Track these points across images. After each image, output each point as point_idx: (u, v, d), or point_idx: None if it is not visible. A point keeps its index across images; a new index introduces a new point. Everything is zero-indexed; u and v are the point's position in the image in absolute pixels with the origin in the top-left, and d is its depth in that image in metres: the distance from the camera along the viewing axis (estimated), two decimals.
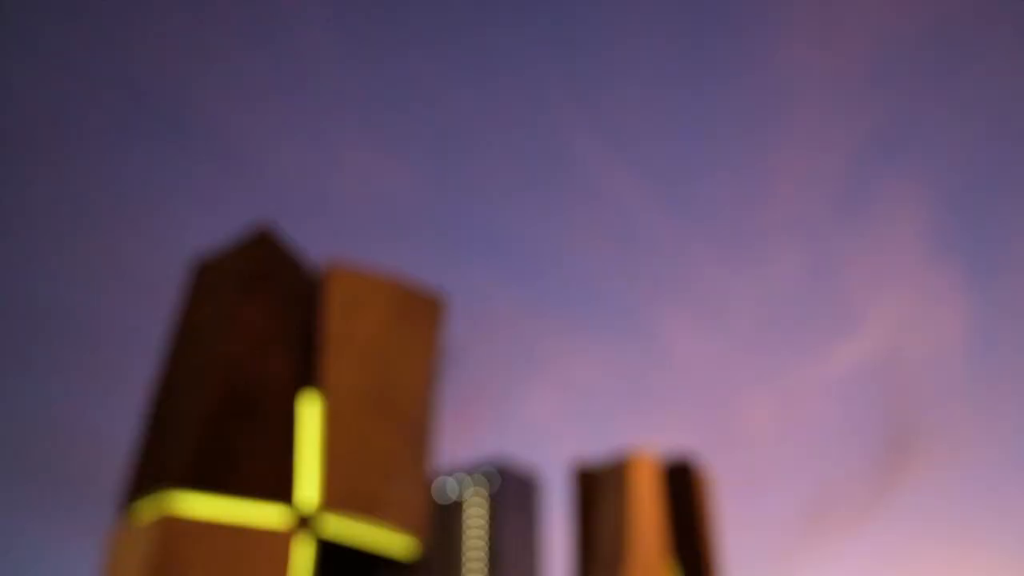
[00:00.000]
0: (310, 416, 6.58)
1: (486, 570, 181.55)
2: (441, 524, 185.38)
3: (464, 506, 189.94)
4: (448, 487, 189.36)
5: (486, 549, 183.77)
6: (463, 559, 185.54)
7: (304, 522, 6.15)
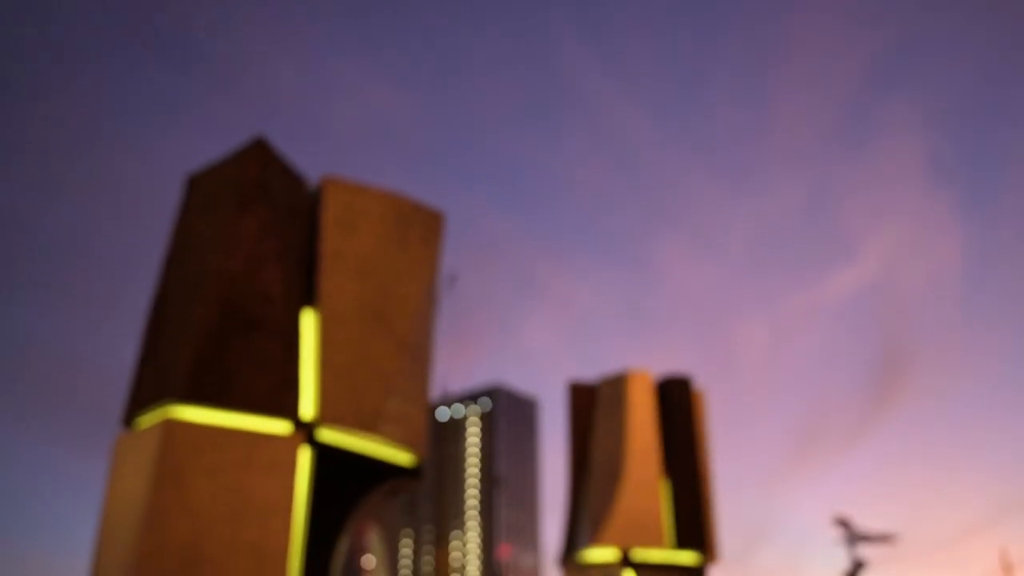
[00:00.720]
0: (308, 331, 6.72)
1: (485, 490, 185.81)
2: (440, 446, 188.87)
3: (463, 428, 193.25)
4: (448, 410, 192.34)
5: (484, 470, 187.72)
6: (462, 480, 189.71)
7: (304, 434, 6.35)
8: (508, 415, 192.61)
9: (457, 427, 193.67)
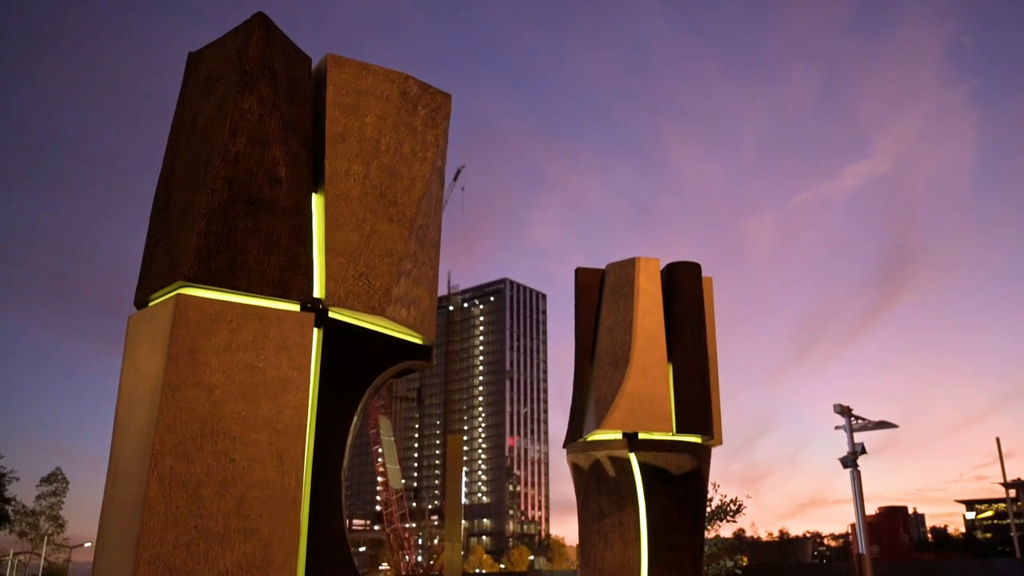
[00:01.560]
0: (315, 213, 6.62)
1: (492, 383, 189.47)
2: (449, 340, 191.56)
3: (471, 322, 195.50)
4: (456, 305, 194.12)
5: (492, 364, 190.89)
6: (471, 374, 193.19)
7: (315, 315, 6.33)
8: (516, 309, 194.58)
9: (465, 322, 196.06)
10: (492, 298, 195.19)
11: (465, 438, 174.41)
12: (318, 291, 4.51)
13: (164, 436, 3.89)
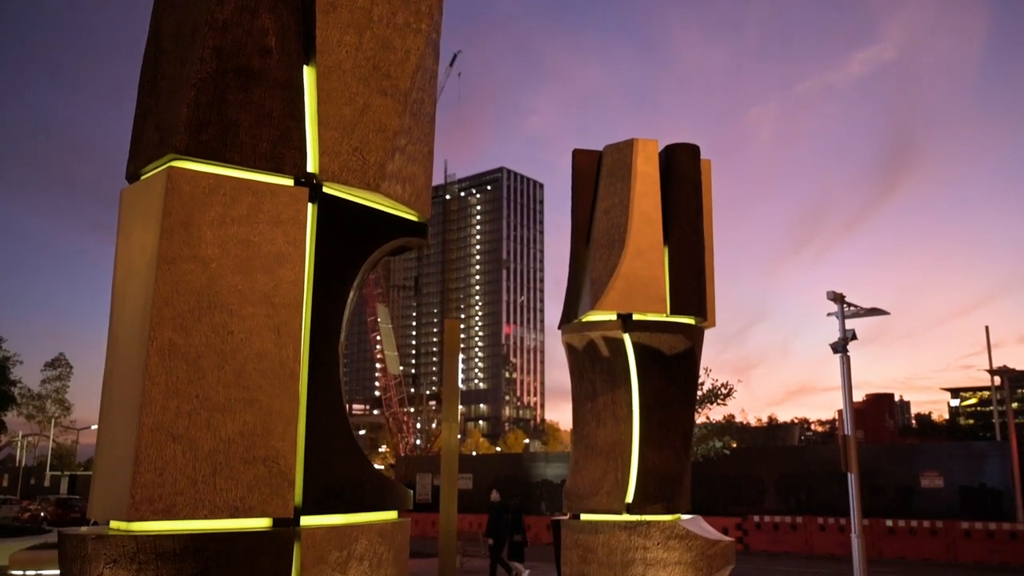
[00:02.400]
0: (307, 85, 6.34)
1: (489, 272, 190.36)
2: (446, 229, 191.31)
3: (468, 212, 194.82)
4: (453, 194, 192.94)
5: (489, 253, 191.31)
6: (467, 263, 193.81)
7: (309, 189, 6.20)
8: (513, 199, 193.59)
9: (462, 211, 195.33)
10: (489, 187, 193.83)
11: (462, 326, 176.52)
12: (311, 166, 4.45)
13: (162, 309, 3.92)
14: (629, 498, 7.16)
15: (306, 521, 4.06)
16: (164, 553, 3.69)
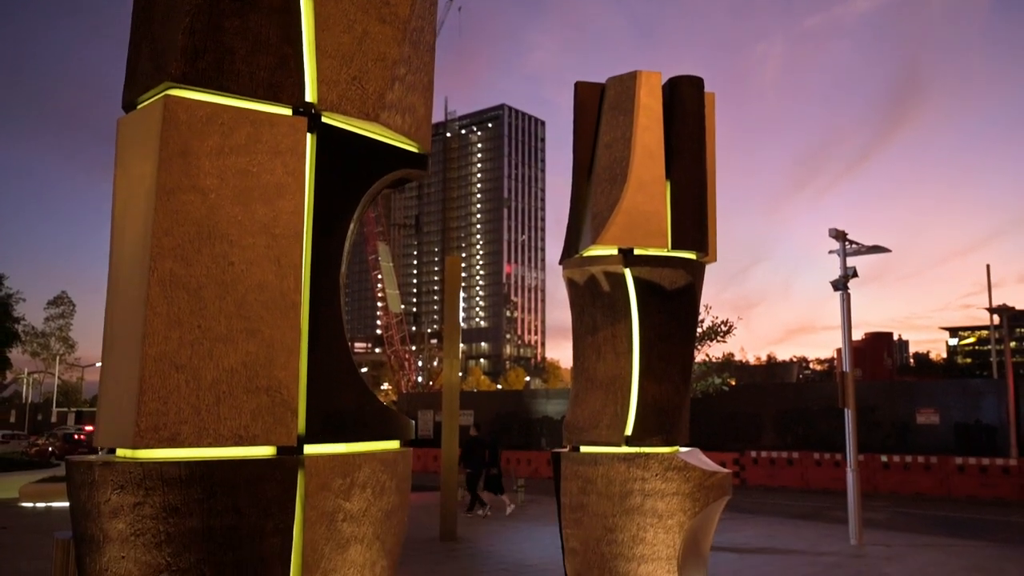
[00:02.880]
0: (305, 12, 6.14)
1: (490, 211, 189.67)
2: (446, 167, 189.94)
3: (469, 150, 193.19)
4: (453, 132, 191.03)
5: (490, 192, 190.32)
6: (468, 201, 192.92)
7: (307, 119, 6.06)
8: (514, 136, 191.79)
9: (463, 149, 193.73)
10: (490, 125, 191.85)
11: (463, 265, 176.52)
12: (310, 95, 4.39)
13: (161, 239, 3.91)
14: (628, 430, 7.25)
15: (309, 450, 4.12)
16: (170, 479, 3.75)
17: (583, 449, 7.47)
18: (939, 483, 24.37)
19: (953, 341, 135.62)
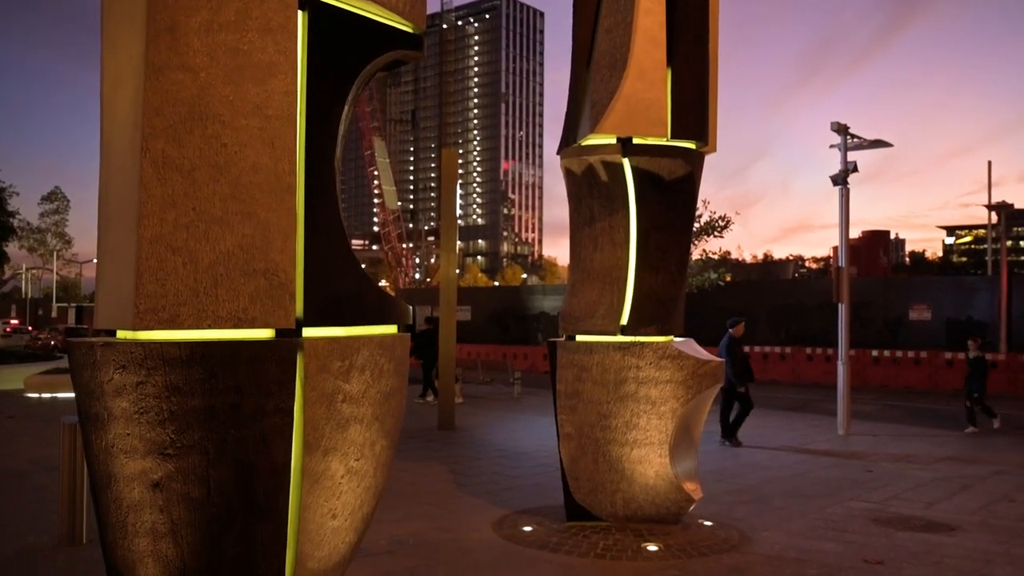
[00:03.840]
0: None
1: (487, 106, 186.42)
2: (443, 60, 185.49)
3: (466, 42, 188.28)
4: (451, 20, 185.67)
5: (488, 83, 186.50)
6: (465, 96, 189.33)
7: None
8: (512, 28, 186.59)
9: (459, 41, 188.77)
10: (487, 16, 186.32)
11: (460, 161, 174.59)
12: None
13: (152, 119, 3.84)
14: (624, 320, 7.32)
15: (308, 333, 4.16)
16: (171, 359, 3.80)
17: (579, 338, 7.56)
18: (928, 377, 24.86)
19: (950, 240, 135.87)
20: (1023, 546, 7.31)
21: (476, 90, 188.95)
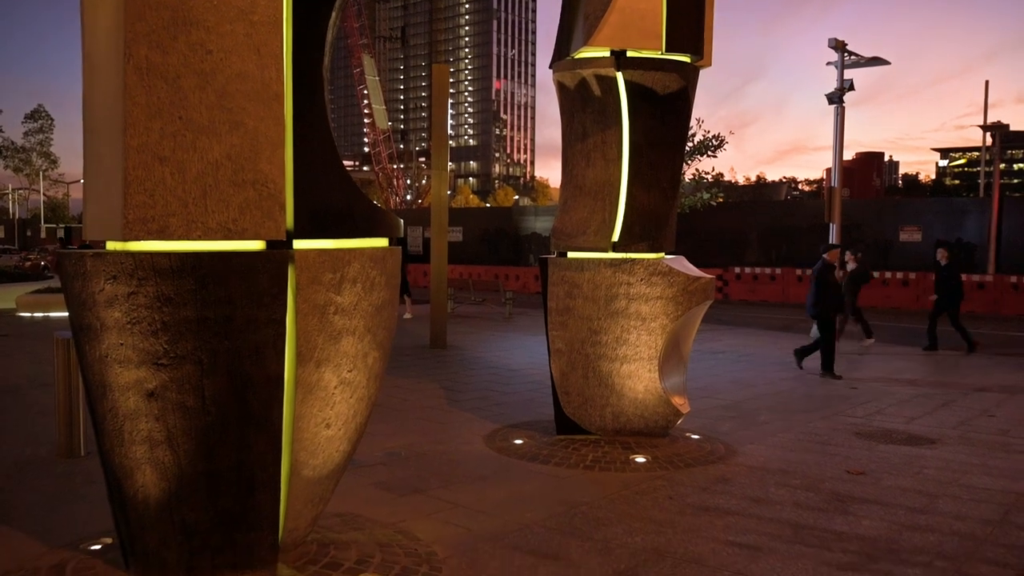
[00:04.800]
0: None
1: (479, 24, 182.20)
2: None
3: None
4: None
5: (479, 1, 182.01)
6: (456, 12, 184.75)
7: None
8: None
9: None
10: None
11: (451, 80, 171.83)
12: None
13: (135, 24, 3.74)
14: (615, 237, 7.32)
15: (299, 245, 4.14)
16: (162, 270, 3.80)
17: (570, 255, 7.57)
18: (915, 298, 25.09)
19: (943, 163, 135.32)
20: (1000, 458, 7.51)
21: (467, 6, 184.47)
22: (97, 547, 4.80)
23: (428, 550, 4.96)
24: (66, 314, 4.15)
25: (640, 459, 7.09)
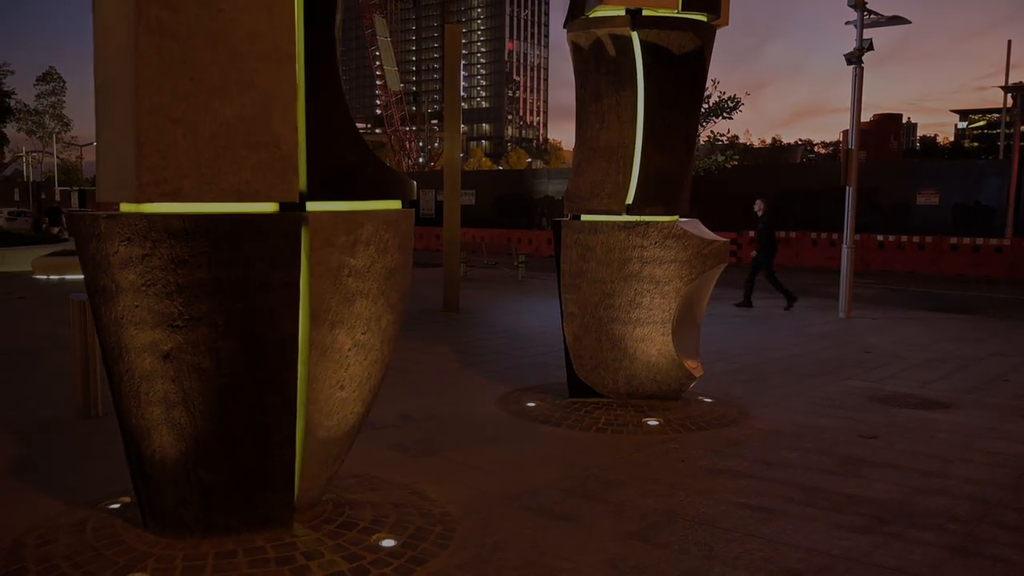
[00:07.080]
0: None
1: None
2: None
3: None
4: None
5: None
6: None
7: None
8: None
9: None
10: None
11: (464, 42, 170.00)
12: None
13: None
14: (629, 199, 7.26)
15: (312, 207, 4.13)
16: (175, 232, 3.80)
17: (584, 218, 7.53)
18: (931, 262, 24.91)
19: (962, 125, 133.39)
20: (1015, 422, 7.49)
21: None
22: (116, 506, 4.87)
23: (442, 510, 5.01)
24: (82, 277, 4.16)
25: (652, 422, 7.11)
